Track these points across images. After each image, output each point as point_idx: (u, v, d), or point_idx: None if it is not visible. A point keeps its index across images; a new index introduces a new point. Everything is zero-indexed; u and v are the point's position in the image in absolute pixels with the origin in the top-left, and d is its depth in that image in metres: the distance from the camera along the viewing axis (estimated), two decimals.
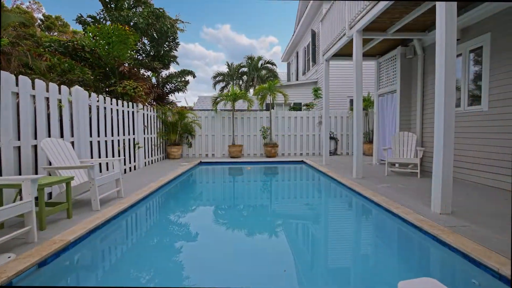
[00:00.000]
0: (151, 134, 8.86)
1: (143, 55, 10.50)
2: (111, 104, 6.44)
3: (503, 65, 4.59)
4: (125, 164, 6.99)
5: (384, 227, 3.70)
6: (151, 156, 8.86)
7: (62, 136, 4.71)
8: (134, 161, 7.55)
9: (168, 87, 11.36)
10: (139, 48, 10.25)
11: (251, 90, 22.63)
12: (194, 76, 11.77)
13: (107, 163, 6.06)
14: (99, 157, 5.87)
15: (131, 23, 8.65)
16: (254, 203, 5.21)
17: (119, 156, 6.68)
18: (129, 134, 7.29)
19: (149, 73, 10.06)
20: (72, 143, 4.96)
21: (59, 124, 4.65)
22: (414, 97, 6.95)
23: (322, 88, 9.47)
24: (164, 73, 11.46)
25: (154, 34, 10.18)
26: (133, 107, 7.55)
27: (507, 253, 2.32)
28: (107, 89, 7.39)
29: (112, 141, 6.46)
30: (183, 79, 11.32)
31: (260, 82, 21.09)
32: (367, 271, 2.60)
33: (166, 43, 10.65)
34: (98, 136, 5.88)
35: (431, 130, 6.40)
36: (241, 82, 24.62)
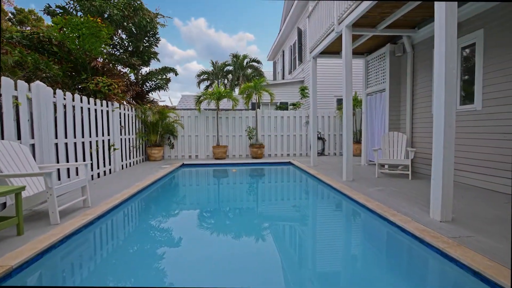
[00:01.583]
0: (129, 135, 8.27)
1: (121, 51, 9.82)
2: (81, 102, 5.85)
3: (497, 63, 4.42)
4: (98, 168, 6.40)
5: (381, 237, 3.40)
6: (129, 159, 8.27)
7: (19, 138, 4.15)
8: (109, 164, 6.96)
9: (148, 85, 10.74)
10: (116, 43, 9.58)
11: (237, 89, 22.21)
12: (176, 74, 11.21)
13: (76, 168, 5.47)
14: (67, 161, 5.29)
15: (105, 15, 8.01)
16: (240, 212, 4.80)
17: (91, 159, 6.10)
18: (103, 135, 6.70)
19: (127, 69, 9.41)
20: (33, 146, 4.40)
21: (16, 125, 4.08)
22: (404, 96, 6.78)
23: (309, 87, 9.19)
24: (144, 70, 10.83)
25: (133, 29, 9.54)
26: (107, 106, 6.96)
27: None
28: (78, 86, 6.76)
29: (83, 143, 5.87)
30: (164, 76, 10.73)
31: (246, 81, 20.68)
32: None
33: (146, 38, 10.03)
34: (66, 137, 5.30)
35: (421, 130, 6.23)
36: (226, 81, 24.13)
